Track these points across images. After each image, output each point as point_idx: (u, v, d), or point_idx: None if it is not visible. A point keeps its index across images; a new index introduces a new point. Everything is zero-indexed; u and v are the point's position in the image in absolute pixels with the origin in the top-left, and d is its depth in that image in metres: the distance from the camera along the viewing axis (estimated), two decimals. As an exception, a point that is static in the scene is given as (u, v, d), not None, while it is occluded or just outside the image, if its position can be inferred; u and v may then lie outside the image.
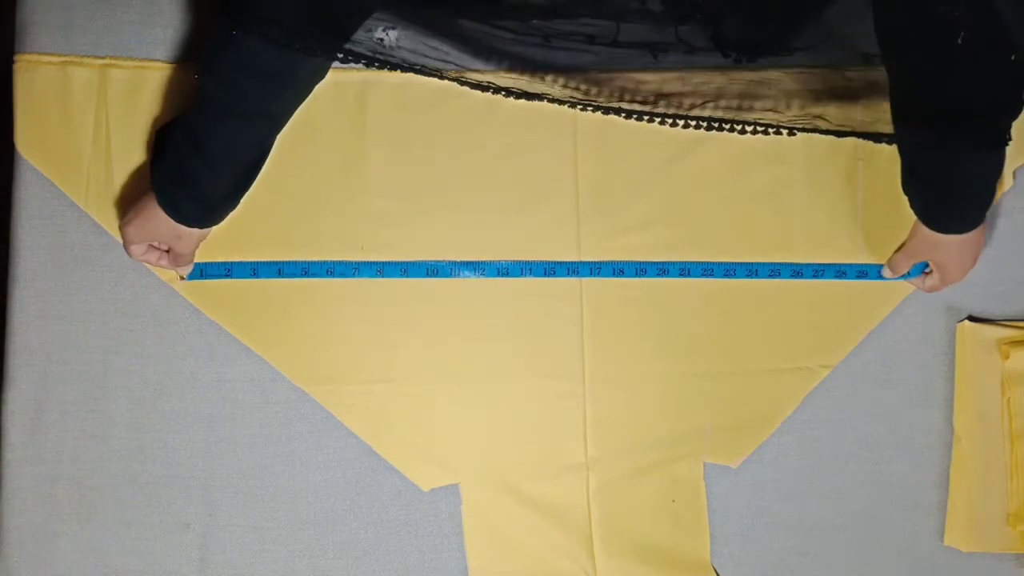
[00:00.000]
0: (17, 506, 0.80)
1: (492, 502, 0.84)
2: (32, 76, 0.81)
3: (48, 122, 0.81)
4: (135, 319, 0.82)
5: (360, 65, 0.77)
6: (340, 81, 0.83)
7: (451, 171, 0.84)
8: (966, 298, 0.88)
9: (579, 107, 0.82)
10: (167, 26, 0.82)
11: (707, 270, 0.85)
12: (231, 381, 0.82)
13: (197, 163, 0.72)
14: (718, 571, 0.86)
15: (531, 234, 0.85)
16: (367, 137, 0.84)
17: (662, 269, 0.85)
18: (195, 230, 0.76)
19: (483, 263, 0.84)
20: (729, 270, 0.85)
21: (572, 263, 0.85)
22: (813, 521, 0.87)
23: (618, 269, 0.85)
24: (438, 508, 0.84)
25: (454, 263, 0.84)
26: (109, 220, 0.81)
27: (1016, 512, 0.86)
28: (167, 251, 0.78)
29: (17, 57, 0.81)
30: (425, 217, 0.84)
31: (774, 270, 0.86)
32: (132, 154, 0.82)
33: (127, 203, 0.79)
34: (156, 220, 0.75)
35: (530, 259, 0.84)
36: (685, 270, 0.85)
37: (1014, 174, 0.88)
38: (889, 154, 0.81)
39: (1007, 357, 0.86)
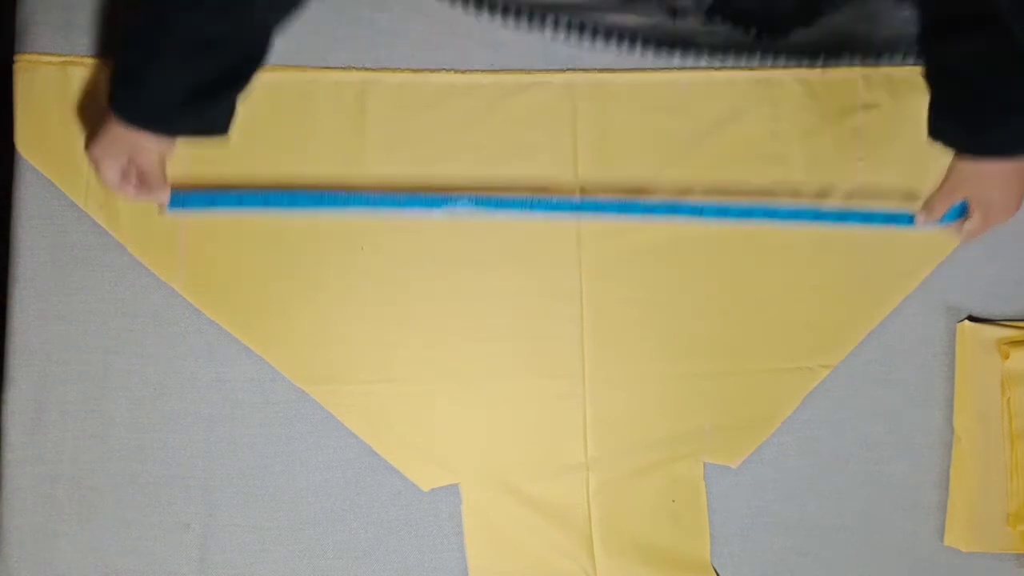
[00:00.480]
0: (17, 506, 0.80)
1: (492, 502, 0.84)
2: (32, 76, 0.81)
3: (48, 122, 0.81)
4: (135, 319, 0.82)
5: None
6: (340, 81, 0.83)
7: (451, 171, 0.84)
8: (966, 298, 0.88)
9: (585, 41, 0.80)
10: (167, 26, 0.82)
11: (722, 211, 0.83)
12: (231, 381, 0.82)
13: (138, 55, 0.69)
14: (718, 571, 0.86)
15: (532, 234, 0.85)
16: (367, 137, 0.84)
17: (672, 208, 0.83)
18: (152, 141, 0.71)
19: (482, 196, 0.82)
20: (745, 212, 0.83)
21: (574, 199, 0.84)
22: (813, 521, 0.87)
23: (628, 206, 0.83)
24: (438, 508, 0.84)
25: (451, 196, 0.81)
26: (109, 220, 0.81)
27: (1016, 512, 0.86)
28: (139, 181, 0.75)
29: (17, 57, 0.81)
30: (425, 217, 0.84)
31: (794, 213, 0.84)
32: (132, 154, 0.81)
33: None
34: (114, 131, 0.71)
35: (531, 194, 0.83)
36: (697, 210, 0.83)
37: (1014, 174, 0.88)
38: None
39: (1007, 357, 0.86)
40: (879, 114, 0.87)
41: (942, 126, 0.74)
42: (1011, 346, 0.86)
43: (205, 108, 0.72)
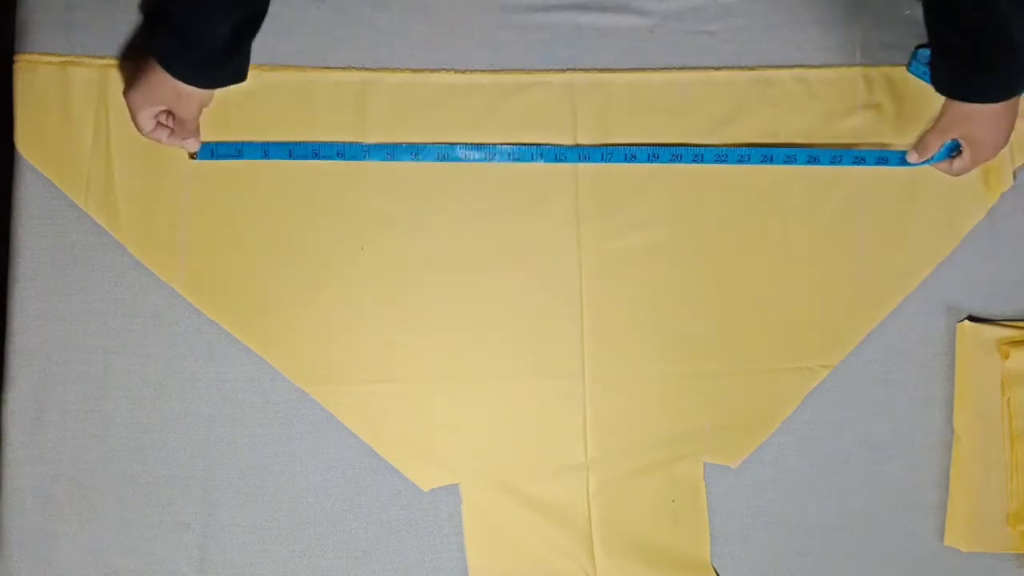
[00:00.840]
0: (17, 506, 0.80)
1: (492, 502, 0.84)
2: (32, 76, 0.81)
3: (48, 122, 0.81)
4: (135, 319, 0.82)
5: None
6: (340, 81, 0.83)
7: (451, 171, 0.84)
8: (966, 298, 0.88)
9: None
10: (167, 26, 0.82)
11: (720, 156, 0.85)
12: (231, 381, 0.82)
13: (189, 8, 0.71)
14: (718, 571, 0.86)
15: (531, 234, 0.85)
16: (367, 137, 0.84)
17: (675, 155, 0.84)
18: (195, 90, 0.75)
19: (493, 147, 0.84)
20: (744, 156, 0.85)
21: (578, 147, 0.85)
22: (813, 521, 0.87)
23: (630, 155, 0.84)
24: (438, 508, 0.84)
25: (465, 145, 0.84)
26: (109, 220, 0.81)
27: (1016, 512, 0.86)
28: (172, 129, 0.78)
29: (17, 57, 0.81)
30: (425, 217, 0.84)
31: (790, 156, 0.85)
32: (132, 154, 0.81)
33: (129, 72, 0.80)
34: (155, 80, 0.74)
35: (537, 143, 0.84)
36: (699, 156, 0.85)
37: (1014, 174, 0.88)
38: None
39: (1007, 357, 0.86)
40: (879, 114, 0.87)
41: (936, 73, 0.80)
42: (1011, 346, 0.86)
43: (235, 57, 0.76)
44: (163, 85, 0.75)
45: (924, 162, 0.85)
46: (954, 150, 0.84)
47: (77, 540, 0.81)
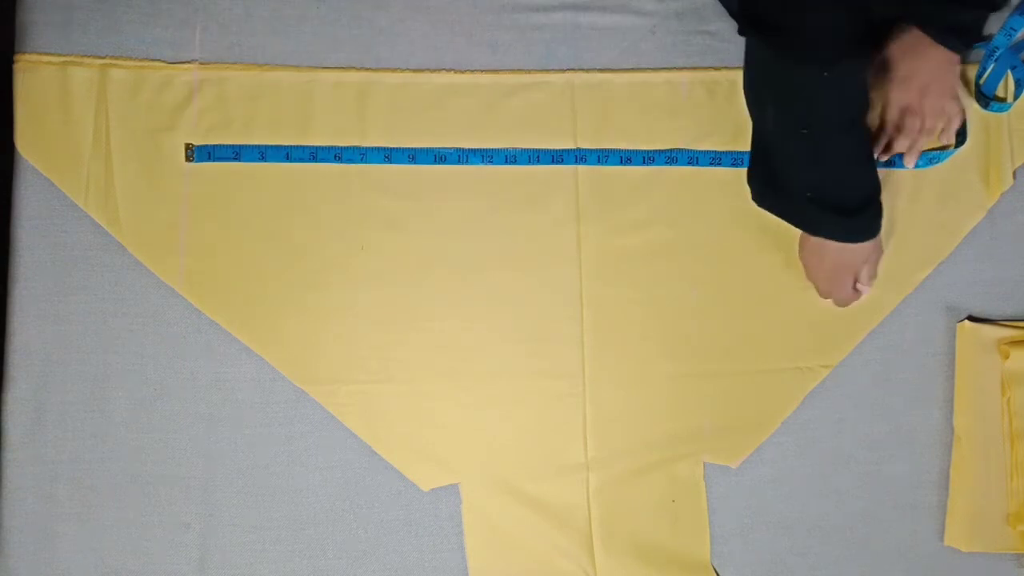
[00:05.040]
0: (17, 506, 0.80)
1: (492, 502, 0.84)
2: (32, 76, 0.81)
3: (48, 122, 0.81)
4: (135, 319, 0.82)
5: None
6: (340, 81, 0.83)
7: (451, 172, 0.84)
8: (966, 298, 0.88)
9: None
10: (167, 26, 0.82)
11: (715, 159, 0.85)
12: (231, 381, 0.82)
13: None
14: (718, 571, 0.86)
15: (531, 234, 0.85)
16: (367, 137, 0.84)
17: (670, 157, 0.85)
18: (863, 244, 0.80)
19: (491, 150, 0.84)
20: (737, 159, 0.85)
21: (575, 150, 0.85)
22: (813, 521, 0.87)
23: (626, 158, 0.85)
24: (438, 508, 0.84)
25: (462, 150, 0.84)
26: (109, 220, 0.81)
27: (1016, 512, 0.86)
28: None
29: (17, 57, 0.81)
30: (426, 217, 0.84)
31: None
32: (132, 154, 0.82)
33: None
34: (828, 252, 0.80)
35: (536, 147, 0.85)
36: (694, 159, 0.85)
37: (1014, 174, 0.88)
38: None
39: (1007, 357, 0.86)
40: (877, 114, 0.87)
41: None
42: (1011, 346, 0.86)
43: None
44: (843, 256, 0.81)
45: (920, 163, 0.86)
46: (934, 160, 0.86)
47: (77, 540, 0.81)
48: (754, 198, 0.82)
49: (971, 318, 0.88)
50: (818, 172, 0.76)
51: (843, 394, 0.87)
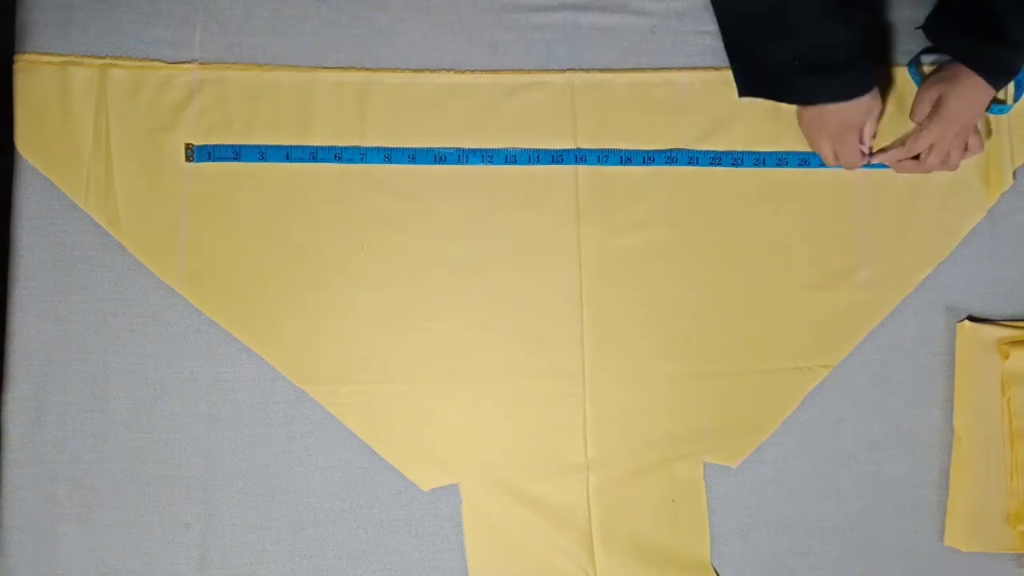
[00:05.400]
0: (17, 506, 0.80)
1: (492, 502, 0.84)
2: (32, 76, 0.81)
3: (48, 122, 0.81)
4: (135, 319, 0.82)
5: None
6: (340, 81, 0.83)
7: (451, 172, 0.84)
8: (966, 298, 0.88)
9: None
10: (167, 26, 0.82)
11: (715, 159, 0.85)
12: (231, 381, 0.82)
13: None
14: (718, 571, 0.86)
15: (531, 234, 0.85)
16: (367, 137, 0.84)
17: (670, 157, 0.85)
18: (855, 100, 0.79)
19: (491, 150, 0.84)
20: (737, 159, 0.86)
21: (575, 151, 0.85)
22: (813, 521, 0.87)
23: (626, 158, 0.85)
24: (438, 508, 0.84)
25: (462, 150, 0.84)
26: (109, 220, 0.81)
27: (1016, 512, 0.86)
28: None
29: (17, 57, 0.81)
30: (426, 217, 0.84)
31: (782, 159, 0.86)
32: (132, 154, 0.82)
33: None
34: (827, 116, 0.80)
35: (536, 147, 0.85)
36: (694, 159, 0.85)
37: (1014, 174, 0.88)
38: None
39: (1007, 357, 0.86)
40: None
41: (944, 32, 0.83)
42: (1011, 346, 0.86)
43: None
44: (834, 117, 0.80)
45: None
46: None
47: (77, 540, 0.81)
48: (740, 92, 0.83)
49: (971, 318, 0.88)
50: (796, 37, 0.76)
51: (843, 394, 0.87)
